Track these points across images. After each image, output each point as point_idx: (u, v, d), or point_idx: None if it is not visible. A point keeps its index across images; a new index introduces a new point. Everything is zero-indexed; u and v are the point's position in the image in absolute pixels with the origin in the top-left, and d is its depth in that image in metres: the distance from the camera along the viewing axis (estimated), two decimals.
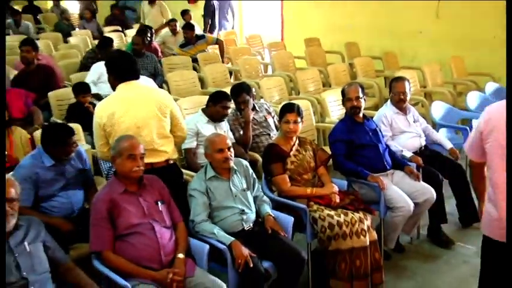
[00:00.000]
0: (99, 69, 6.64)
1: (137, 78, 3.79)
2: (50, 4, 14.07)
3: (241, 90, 4.79)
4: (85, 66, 7.28)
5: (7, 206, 2.76)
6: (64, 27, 11.03)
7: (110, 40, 8.15)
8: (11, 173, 3.75)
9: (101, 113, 3.68)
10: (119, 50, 4.68)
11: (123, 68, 3.78)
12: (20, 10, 11.86)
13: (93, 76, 6.53)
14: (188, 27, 8.71)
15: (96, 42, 8.70)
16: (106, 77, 5.96)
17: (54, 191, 3.72)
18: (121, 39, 10.01)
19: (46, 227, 3.08)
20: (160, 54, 8.57)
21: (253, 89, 5.12)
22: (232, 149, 3.63)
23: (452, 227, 4.78)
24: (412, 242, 4.66)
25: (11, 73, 6.49)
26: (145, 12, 10.79)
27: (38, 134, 4.81)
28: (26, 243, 2.84)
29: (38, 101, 5.93)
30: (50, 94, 6.07)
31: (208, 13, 10.87)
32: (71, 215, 3.78)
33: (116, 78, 3.77)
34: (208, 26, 10.54)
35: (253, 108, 4.84)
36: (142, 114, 3.63)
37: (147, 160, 3.43)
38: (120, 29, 10.47)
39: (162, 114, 3.70)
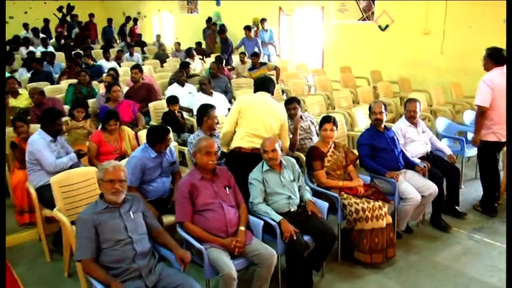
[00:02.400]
0: (172, 90, 6.72)
1: (267, 91, 4.01)
2: (153, 39, 14.43)
3: (293, 100, 4.75)
4: (170, 84, 7.33)
5: (118, 185, 2.81)
6: (161, 56, 11.21)
7: (187, 63, 8.41)
8: (124, 160, 3.84)
9: (242, 102, 3.94)
10: (265, 75, 5.01)
11: (256, 84, 4.11)
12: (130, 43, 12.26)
13: (169, 94, 6.55)
14: (255, 55, 8.71)
15: None
16: (179, 96, 6.01)
17: (154, 177, 3.76)
18: (201, 64, 10.07)
19: None
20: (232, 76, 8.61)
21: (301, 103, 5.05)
22: (277, 151, 3.52)
23: (449, 215, 4.60)
24: (418, 225, 4.48)
25: (124, 89, 6.61)
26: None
27: (141, 133, 4.89)
28: (131, 212, 2.87)
29: (141, 109, 6.04)
30: (150, 104, 6.16)
31: (225, 50, 10.77)
32: (163, 195, 3.81)
33: (254, 90, 4.12)
34: (224, 60, 9.90)
35: (300, 117, 4.75)
36: (268, 114, 3.85)
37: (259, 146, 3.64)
38: (201, 57, 10.52)
39: (279, 120, 3.91)
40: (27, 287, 3.56)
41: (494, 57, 4.49)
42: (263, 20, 10.66)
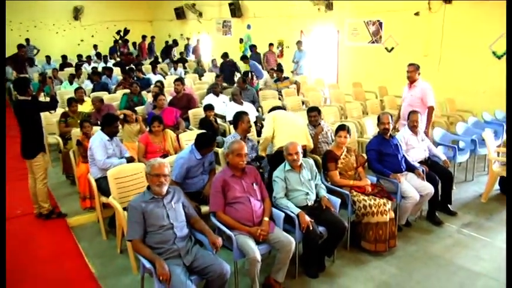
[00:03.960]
0: (208, 99, 6.71)
1: (284, 109, 4.63)
2: (193, 57, 14.53)
3: (314, 109, 4.76)
4: (207, 94, 7.32)
5: (163, 178, 2.80)
6: (199, 71, 11.25)
7: (219, 75, 8.51)
8: (172, 157, 3.88)
9: (274, 113, 4.32)
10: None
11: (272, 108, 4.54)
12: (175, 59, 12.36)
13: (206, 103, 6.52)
14: (279, 69, 8.65)
15: None
16: (214, 104, 6.01)
17: (195, 174, 3.75)
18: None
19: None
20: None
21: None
22: (299, 153, 3.46)
23: (442, 212, 4.47)
24: (416, 220, 4.35)
25: (168, 98, 6.62)
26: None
27: (181, 135, 4.89)
28: (172, 202, 2.86)
29: (182, 115, 6.03)
30: (190, 111, 6.17)
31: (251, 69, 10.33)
32: (201, 189, 3.79)
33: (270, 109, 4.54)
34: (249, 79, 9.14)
35: (319, 124, 4.70)
36: (296, 118, 4.30)
37: None
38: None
39: (303, 123, 4.31)
40: (88, 258, 3.67)
41: (419, 69, 5.05)
42: (299, 43, 10.35)
